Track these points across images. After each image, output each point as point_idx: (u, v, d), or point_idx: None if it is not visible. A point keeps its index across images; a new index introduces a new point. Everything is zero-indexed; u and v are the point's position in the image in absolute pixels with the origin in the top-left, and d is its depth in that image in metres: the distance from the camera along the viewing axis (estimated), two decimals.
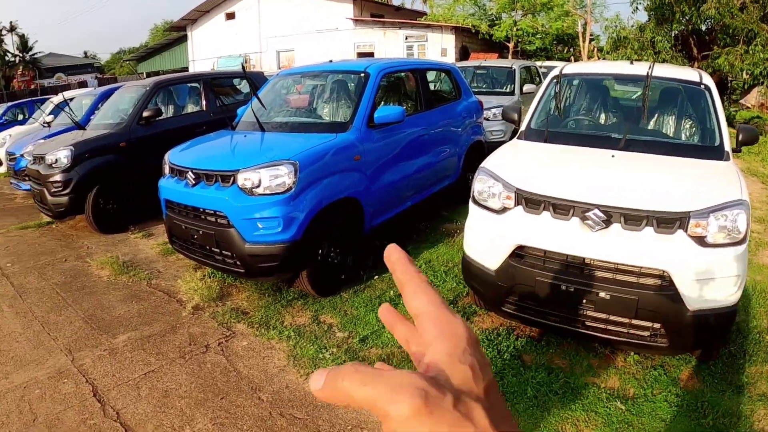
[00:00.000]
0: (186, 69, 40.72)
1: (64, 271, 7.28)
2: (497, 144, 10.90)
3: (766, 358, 4.56)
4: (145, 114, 9.09)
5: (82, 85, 46.58)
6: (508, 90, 13.23)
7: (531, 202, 4.39)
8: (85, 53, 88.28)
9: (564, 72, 6.20)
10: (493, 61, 16.28)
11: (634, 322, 4.06)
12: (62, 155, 8.48)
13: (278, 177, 5.19)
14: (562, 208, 4.23)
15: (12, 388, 4.55)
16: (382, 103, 7.32)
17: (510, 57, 28.79)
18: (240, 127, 6.89)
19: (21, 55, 68.04)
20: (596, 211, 4.06)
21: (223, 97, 10.44)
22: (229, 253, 5.44)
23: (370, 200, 6.21)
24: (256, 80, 10.97)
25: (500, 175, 4.67)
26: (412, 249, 7.00)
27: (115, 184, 8.86)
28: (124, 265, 7.25)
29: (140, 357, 4.91)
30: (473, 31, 29.52)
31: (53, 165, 8.53)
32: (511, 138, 11.54)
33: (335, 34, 31.83)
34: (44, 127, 13.79)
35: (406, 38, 30.30)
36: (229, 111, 9.60)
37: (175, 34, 43.61)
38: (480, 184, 4.79)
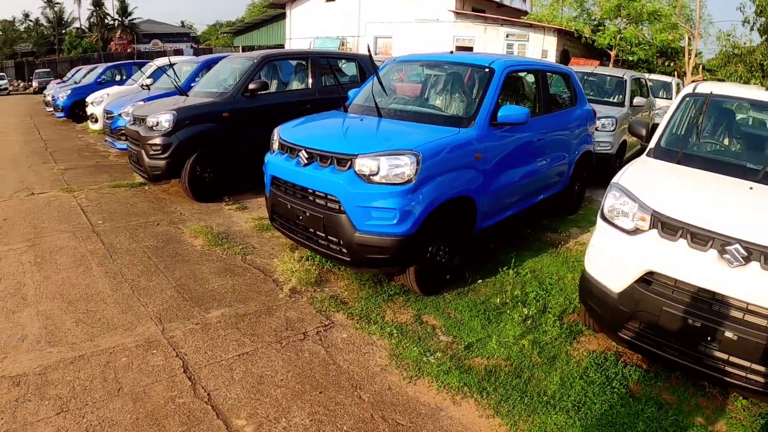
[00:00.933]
0: (282, 46, 40.89)
1: (156, 234, 7.16)
2: (604, 156, 10.55)
3: None
4: (251, 86, 8.90)
5: (178, 52, 47.67)
6: (617, 100, 12.64)
7: (668, 227, 4.07)
8: (182, 23, 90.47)
9: (698, 91, 5.76)
10: (604, 69, 15.65)
11: (755, 366, 3.72)
12: (164, 119, 8.39)
13: (399, 167, 4.90)
14: (701, 237, 3.89)
15: (97, 352, 4.38)
16: (501, 101, 6.96)
17: (611, 65, 27.93)
18: (353, 110, 6.60)
19: (120, 19, 70.16)
20: (738, 246, 3.72)
21: (328, 77, 10.20)
22: (336, 240, 5.17)
23: (485, 200, 5.89)
24: (365, 64, 10.72)
25: (636, 194, 4.36)
26: (516, 256, 6.63)
27: (215, 153, 8.72)
28: (219, 236, 7.09)
29: (234, 336, 4.68)
30: (576, 35, 28.74)
31: (154, 128, 8.47)
32: (618, 151, 11.18)
33: (435, 25, 31.42)
34: (143, 89, 13.88)
35: (507, 36, 29.71)
36: (335, 91, 9.42)
37: (273, 11, 43.77)
38: (612, 201, 4.47)
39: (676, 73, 28.97)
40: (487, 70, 6.41)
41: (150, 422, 3.62)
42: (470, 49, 30.06)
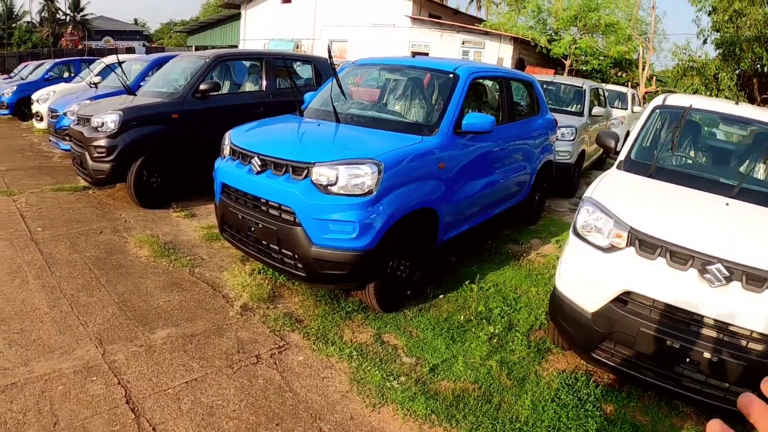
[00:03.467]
0: (236, 47, 40.45)
1: (98, 244, 6.69)
2: (563, 165, 10.39)
3: None
4: (202, 87, 8.46)
5: (130, 51, 46.63)
6: (575, 110, 12.56)
7: (646, 244, 3.91)
8: (135, 21, 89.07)
9: (668, 103, 5.69)
10: (563, 78, 15.56)
11: (734, 388, 3.61)
12: (109, 119, 7.90)
13: (359, 177, 4.59)
14: (680, 256, 3.76)
15: (32, 380, 3.94)
16: (465, 109, 6.73)
17: (565, 74, 28.06)
18: (309, 114, 6.28)
19: (72, 14, 68.66)
20: (719, 265, 3.61)
21: (282, 79, 9.84)
22: (291, 254, 4.82)
23: (447, 212, 5.63)
24: (321, 67, 10.39)
25: (611, 209, 4.18)
26: (478, 269, 6.44)
27: (163, 156, 8.27)
28: (165, 246, 6.65)
29: (181, 360, 4.29)
30: (532, 44, 28.85)
31: (98, 128, 7.97)
32: (577, 160, 11.04)
33: (391, 30, 31.31)
34: (91, 87, 13.33)
35: (463, 43, 29.68)
36: (289, 94, 9.12)
37: (228, 11, 43.29)
38: (586, 216, 4.28)
39: (630, 83, 29.35)
40: (451, 75, 6.17)
41: None
42: (426, 55, 29.99)
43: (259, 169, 5.03)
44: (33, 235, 6.89)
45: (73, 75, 19.79)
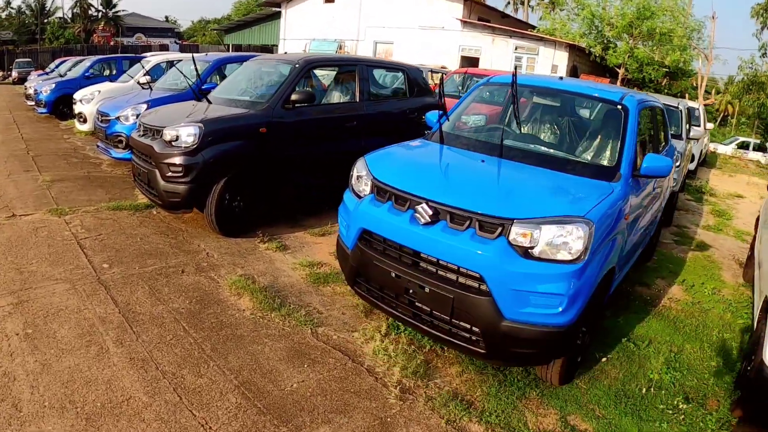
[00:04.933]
0: (274, 47, 40.43)
1: (184, 289, 5.49)
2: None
3: None
4: (294, 97, 7.30)
5: (164, 48, 46.57)
6: (674, 132, 11.54)
7: None
8: (166, 18, 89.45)
9: None
10: (657, 96, 14.52)
11: None
12: (185, 132, 6.70)
13: (565, 238, 3.64)
14: None
15: None
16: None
17: (618, 84, 27.09)
18: (452, 143, 5.29)
19: (104, 11, 69.04)
20: None
21: (373, 89, 8.83)
22: (468, 326, 3.84)
23: (620, 266, 4.83)
24: (414, 77, 9.36)
25: None
26: (624, 321, 5.75)
27: (246, 176, 7.06)
28: (268, 293, 5.46)
29: None
30: (587, 51, 27.82)
31: (172, 143, 6.75)
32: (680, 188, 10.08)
33: (440, 33, 30.36)
34: (143, 88, 12.25)
35: (516, 48, 28.62)
36: (379, 106, 8.66)
37: (267, 10, 42.55)
38: None
39: (687, 94, 28.45)
40: (619, 107, 5.27)
41: None
42: (476, 60, 28.98)
43: (428, 220, 3.99)
44: (99, 274, 5.72)
45: (114, 73, 18.99)
